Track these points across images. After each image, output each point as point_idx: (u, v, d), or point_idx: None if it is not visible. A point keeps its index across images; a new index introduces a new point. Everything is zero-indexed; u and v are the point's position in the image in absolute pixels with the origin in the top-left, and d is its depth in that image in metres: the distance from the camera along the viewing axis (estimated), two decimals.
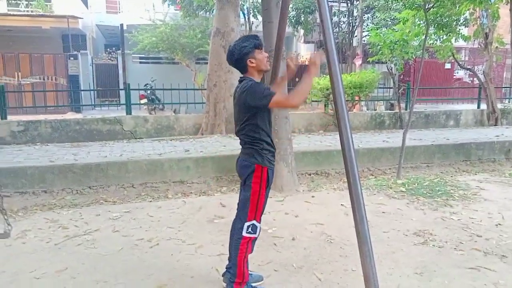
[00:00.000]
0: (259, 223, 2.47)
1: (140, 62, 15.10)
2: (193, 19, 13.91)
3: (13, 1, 16.00)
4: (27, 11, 16.00)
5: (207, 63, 8.76)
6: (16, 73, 13.15)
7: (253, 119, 2.40)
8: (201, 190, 5.22)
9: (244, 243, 2.44)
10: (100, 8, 18.07)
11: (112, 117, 8.11)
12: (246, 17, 13.42)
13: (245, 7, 13.50)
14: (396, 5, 11.83)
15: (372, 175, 5.83)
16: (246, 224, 2.43)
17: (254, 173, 2.41)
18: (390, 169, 6.17)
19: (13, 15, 14.21)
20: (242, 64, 2.44)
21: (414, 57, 9.25)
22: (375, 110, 12.43)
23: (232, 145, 6.65)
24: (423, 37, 5.96)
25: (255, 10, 13.59)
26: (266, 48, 4.73)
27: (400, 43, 8.00)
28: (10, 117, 8.19)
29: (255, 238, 2.49)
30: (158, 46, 13.46)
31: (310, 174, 5.85)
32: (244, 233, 2.43)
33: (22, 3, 16.20)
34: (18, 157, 5.75)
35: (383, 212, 4.13)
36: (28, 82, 13.10)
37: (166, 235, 3.55)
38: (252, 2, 13.57)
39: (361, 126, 9.36)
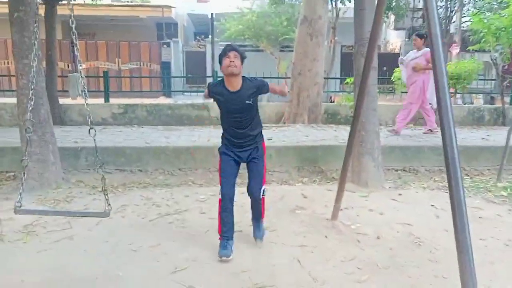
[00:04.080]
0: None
1: None
2: (279, 6, 13.91)
3: None
4: (128, 1, 17.34)
5: (291, 51, 8.70)
6: (116, 59, 14.41)
7: None
8: (282, 179, 5.25)
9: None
10: None
11: (201, 103, 8.50)
12: (333, 4, 13.03)
13: None
14: None
15: (468, 176, 5.36)
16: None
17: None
18: (489, 170, 5.61)
19: (117, 5, 15.52)
20: None
21: None
22: (472, 103, 11.38)
23: (314, 136, 6.58)
24: None
25: None
26: (358, 37, 4.55)
27: (507, 29, 7.21)
28: (111, 100, 9.01)
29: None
30: (244, 34, 13.73)
31: (397, 170, 5.55)
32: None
33: None
34: (119, 137, 6.33)
35: (480, 217, 3.79)
36: (127, 68, 14.27)
37: (248, 221, 3.64)
38: None
39: (456, 121, 8.61)
